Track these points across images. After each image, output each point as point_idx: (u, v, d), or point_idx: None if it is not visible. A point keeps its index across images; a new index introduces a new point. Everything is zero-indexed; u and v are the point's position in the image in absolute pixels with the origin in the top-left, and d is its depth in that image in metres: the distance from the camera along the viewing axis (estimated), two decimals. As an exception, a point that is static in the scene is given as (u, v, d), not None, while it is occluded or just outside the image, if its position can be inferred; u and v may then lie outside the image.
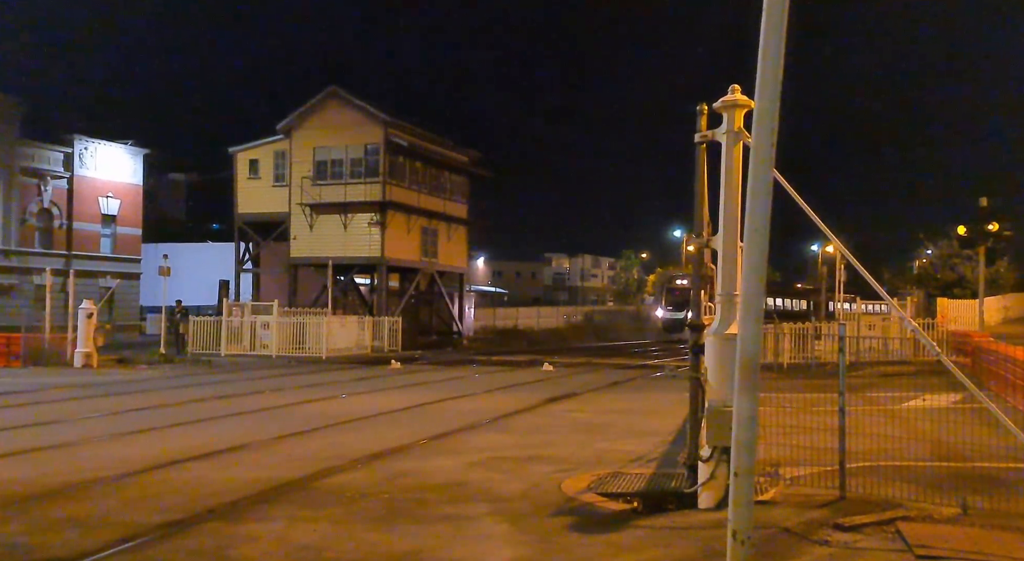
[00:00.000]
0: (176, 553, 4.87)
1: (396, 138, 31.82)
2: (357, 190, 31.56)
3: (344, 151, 32.07)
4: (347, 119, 32.21)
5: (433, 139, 35.44)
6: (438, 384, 17.15)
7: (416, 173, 33.80)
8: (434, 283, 36.18)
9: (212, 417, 11.38)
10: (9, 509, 5.96)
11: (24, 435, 9.59)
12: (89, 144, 40.65)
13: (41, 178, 38.71)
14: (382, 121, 31.75)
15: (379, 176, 31.44)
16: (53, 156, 39.36)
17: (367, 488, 6.78)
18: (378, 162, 31.57)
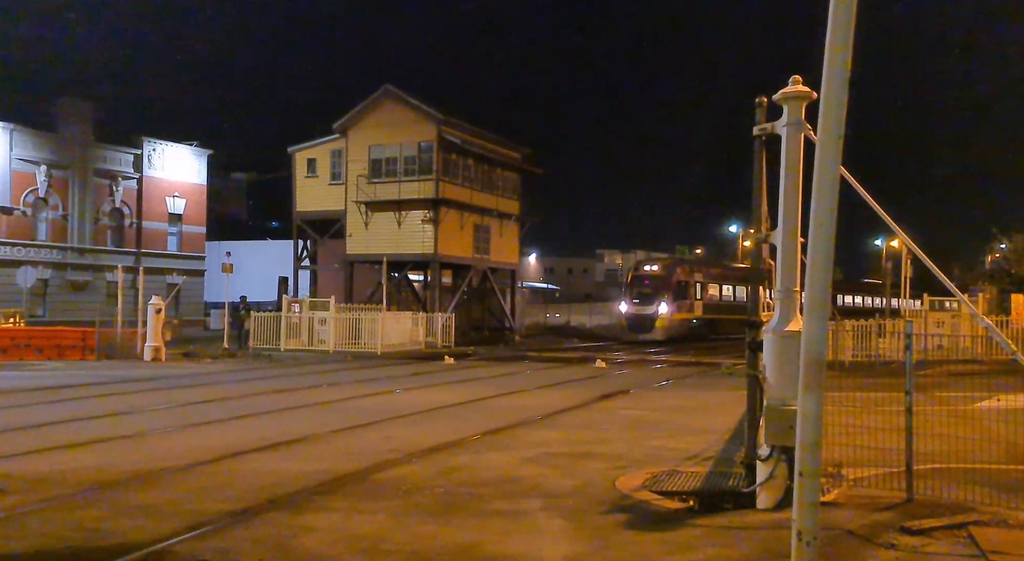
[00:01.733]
0: (241, 542, 5.02)
1: (449, 136, 32.05)
2: (411, 188, 31.93)
3: (398, 149, 32.47)
4: (401, 117, 32.60)
5: (485, 136, 35.57)
6: (490, 380, 17.24)
7: (468, 170, 33.99)
8: (486, 279, 36.36)
9: (272, 410, 11.69)
10: (89, 495, 6.24)
11: (99, 425, 10.03)
12: (157, 146, 42.21)
13: (113, 179, 40.40)
14: (435, 119, 32.01)
15: (432, 173, 31.74)
16: (124, 158, 41.02)
17: (422, 481, 6.86)
18: (431, 159, 31.86)
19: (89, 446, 8.41)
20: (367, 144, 33.05)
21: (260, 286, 42.65)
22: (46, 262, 37.12)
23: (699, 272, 41.10)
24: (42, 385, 15.05)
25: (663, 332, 37.16)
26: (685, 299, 39.10)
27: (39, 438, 8.89)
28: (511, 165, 37.14)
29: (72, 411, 11.30)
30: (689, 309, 38.97)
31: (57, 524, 5.41)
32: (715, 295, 42.10)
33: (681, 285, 38.97)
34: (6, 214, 35.93)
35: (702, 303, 40.27)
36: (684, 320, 38.44)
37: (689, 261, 42.42)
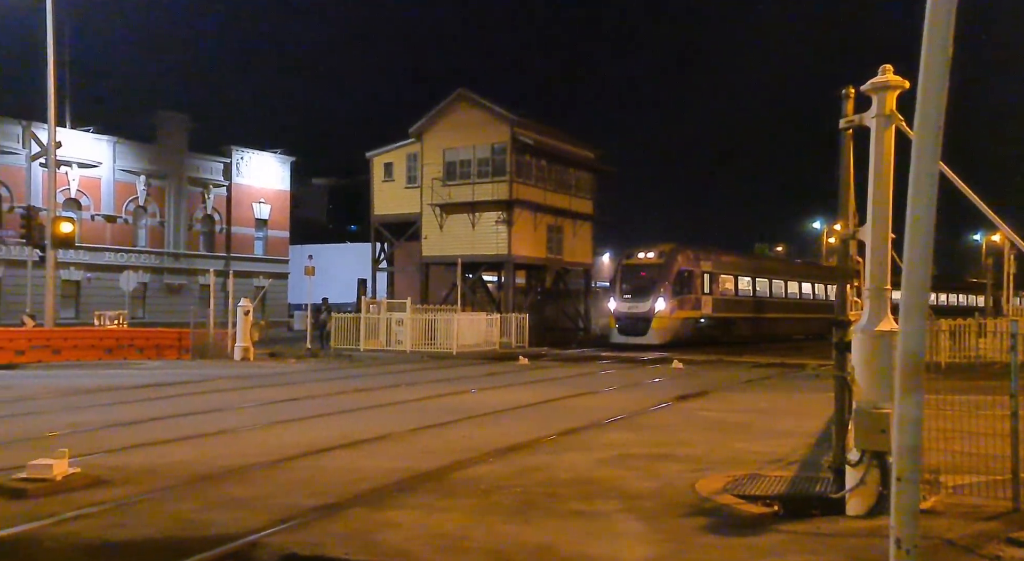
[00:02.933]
0: (327, 536, 5.18)
1: (522, 137, 32.18)
2: (485, 189, 32.22)
3: (472, 151, 32.83)
4: (475, 120, 32.94)
5: (558, 136, 35.54)
6: (565, 380, 17.20)
7: (542, 171, 34.03)
8: (560, 279, 36.29)
9: (354, 409, 12.02)
10: (186, 488, 6.57)
11: (195, 421, 10.55)
12: (244, 154, 44.18)
13: (205, 187, 42.53)
14: (508, 120, 32.21)
15: (506, 175, 31.94)
16: (215, 166, 43.12)
17: (500, 481, 6.91)
18: (505, 161, 32.07)
19: (186, 441, 8.86)
20: (441, 147, 33.56)
21: (340, 288, 43.94)
22: (145, 267, 39.37)
23: (709, 260, 32.94)
24: (143, 383, 15.96)
25: (660, 334, 29.84)
26: (689, 293, 31.04)
27: (141, 433, 9.42)
28: (584, 164, 36.97)
29: (170, 408, 11.93)
30: (695, 306, 31.16)
31: (159, 515, 5.72)
32: (730, 289, 34.24)
33: (684, 276, 30.97)
34: (110, 222, 38.30)
35: (712, 299, 32.42)
36: (688, 320, 30.85)
37: (697, 248, 33.26)
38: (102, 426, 10.01)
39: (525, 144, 32.27)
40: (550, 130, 35.24)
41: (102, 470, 6.90)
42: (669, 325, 30.02)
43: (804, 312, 39.51)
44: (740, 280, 35.17)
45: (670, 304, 30.13)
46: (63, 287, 33.50)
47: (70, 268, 35.39)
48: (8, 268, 31.82)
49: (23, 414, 11.28)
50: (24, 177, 35.10)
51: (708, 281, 32.29)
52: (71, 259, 34.59)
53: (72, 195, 36.65)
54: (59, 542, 5.05)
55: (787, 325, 37.90)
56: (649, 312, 29.94)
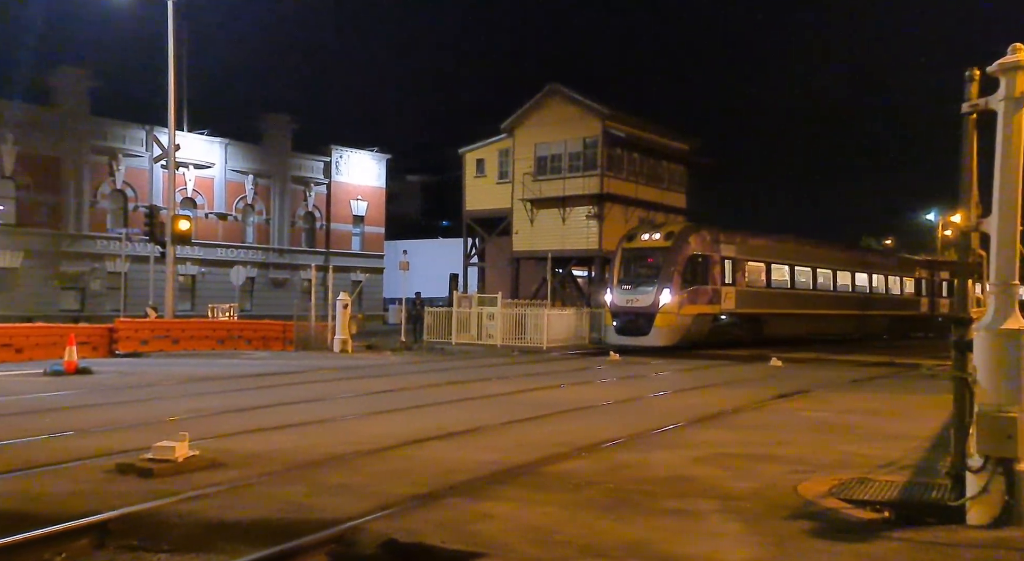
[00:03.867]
0: (425, 524, 5.32)
1: (614, 130, 31.85)
2: (575, 184, 32.11)
3: (563, 146, 32.78)
4: (566, 114, 32.87)
5: (651, 128, 34.96)
6: (657, 377, 16.94)
7: (634, 164, 33.59)
8: (652, 275, 35.62)
9: (447, 401, 12.27)
10: (291, 473, 6.90)
11: (299, 410, 11.06)
12: (343, 153, 45.88)
13: (306, 185, 44.45)
14: (600, 114, 31.95)
15: (597, 169, 31.71)
16: (315, 165, 44.99)
17: (591, 476, 6.88)
18: (596, 155, 31.85)
19: (291, 429, 9.30)
20: (533, 142, 33.67)
21: (432, 282, 44.93)
22: (253, 262, 41.55)
23: (732, 244, 26.60)
24: (252, 372, 16.86)
25: (665, 334, 24.23)
26: (705, 283, 25.08)
27: (251, 420, 9.96)
28: (677, 157, 36.21)
29: (277, 396, 12.56)
30: (712, 299, 25.41)
31: (269, 497, 6.03)
32: (760, 279, 28.18)
33: (698, 263, 25.00)
34: (222, 220, 40.66)
35: (736, 291, 26.37)
36: (702, 317, 25.14)
37: (717, 228, 27.36)
38: (217, 412, 10.65)
39: (617, 137, 31.92)
40: (643, 122, 34.70)
41: (217, 453, 7.34)
42: (677, 322, 24.35)
43: (865, 308, 33.64)
44: (774, 268, 28.96)
45: (678, 297, 24.28)
46: (181, 281, 35.78)
47: (186, 263, 37.78)
48: (133, 264, 34.31)
49: (148, 400, 12.16)
50: (147, 178, 37.74)
51: (731, 269, 26.13)
52: (187, 255, 36.93)
53: (188, 194, 39.10)
54: (183, 519, 5.42)
55: (841, 323, 32.28)
56: (652, 307, 24.18)
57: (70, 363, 15.79)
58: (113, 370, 16.89)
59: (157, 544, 5.05)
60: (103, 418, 10.03)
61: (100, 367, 17.04)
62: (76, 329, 20.63)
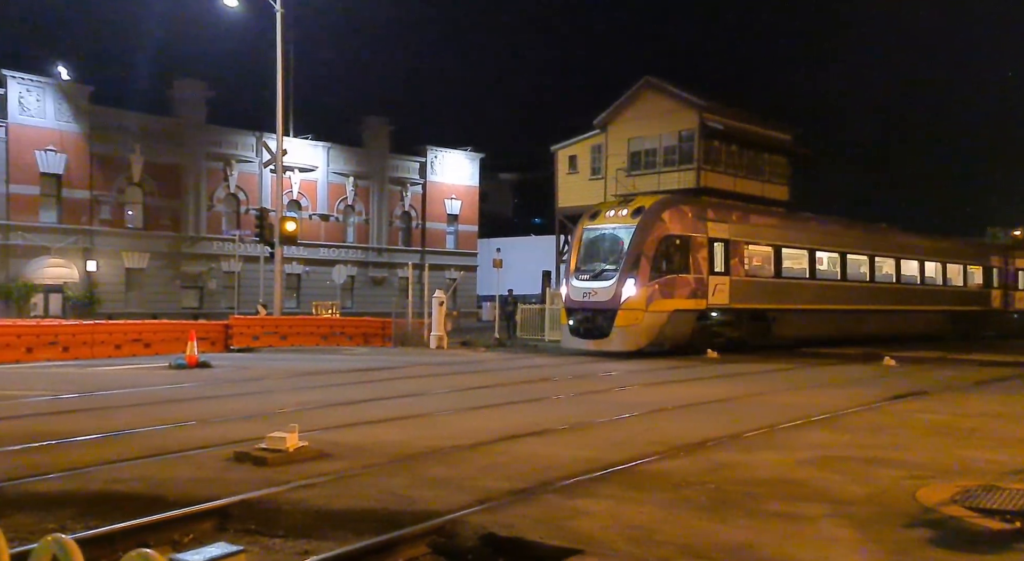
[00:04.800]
0: (522, 519, 5.36)
1: (711, 122, 31.03)
2: (671, 178, 31.49)
3: (658, 140, 32.23)
4: (661, 108, 32.29)
5: (750, 119, 33.85)
6: (759, 376, 16.37)
7: (732, 156, 32.61)
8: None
9: (541, 397, 12.32)
10: (393, 465, 7.12)
11: (399, 404, 11.40)
12: (438, 153, 46.92)
13: (403, 185, 45.74)
14: (696, 106, 31.21)
15: (693, 162, 31.00)
16: (411, 166, 46.22)
17: (690, 476, 6.74)
18: (692, 148, 31.13)
19: (392, 422, 9.60)
20: (626, 137, 33.28)
21: (525, 280, 45.20)
22: (353, 261, 43.16)
23: (725, 223, 21.33)
24: (354, 367, 17.51)
25: (629, 336, 19.41)
26: (684, 271, 20.03)
27: (354, 413, 10.35)
28: (778, 148, 34.88)
29: (378, 391, 12.99)
30: (695, 291, 20.21)
31: (372, 488, 6.25)
32: (766, 267, 22.89)
33: (675, 246, 19.91)
34: (324, 220, 42.43)
35: (732, 281, 21.09)
36: (680, 314, 20.02)
37: (703, 204, 22.98)
38: (322, 405, 11.13)
39: (714, 129, 31.08)
40: (741, 113, 33.64)
41: (324, 445, 7.66)
42: (645, 321, 19.25)
43: (915, 302, 28.52)
44: (787, 254, 23.34)
45: (646, 288, 19.23)
46: (287, 280, 37.61)
47: (292, 263, 39.67)
48: (246, 263, 36.39)
49: (261, 392, 12.85)
50: (257, 182, 39.88)
51: (723, 254, 21.00)
52: (293, 255, 38.77)
53: (294, 197, 41.04)
54: (294, 506, 5.70)
55: (882, 320, 26.94)
56: (612, 302, 19.20)
57: (191, 357, 16.90)
58: (229, 364, 17.96)
59: (272, 529, 5.33)
60: (221, 409, 10.67)
61: (217, 361, 18.14)
62: (196, 325, 22.09)
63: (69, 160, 34.19)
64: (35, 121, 33.07)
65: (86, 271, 34.86)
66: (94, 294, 34.47)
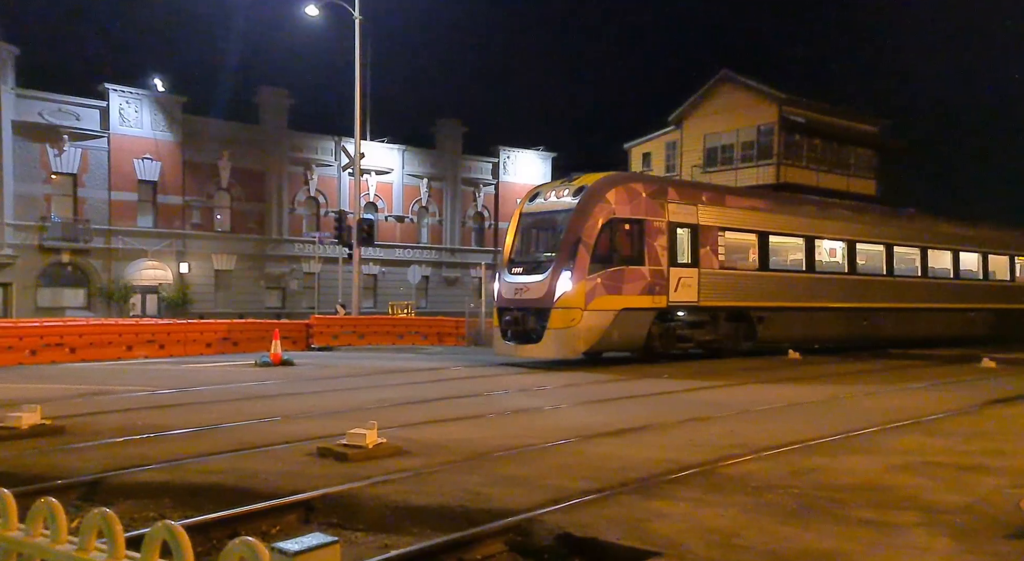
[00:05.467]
0: (599, 519, 5.33)
1: (791, 115, 30.05)
2: (748, 174, 30.66)
3: (735, 135, 31.44)
4: (739, 102, 31.50)
5: (834, 111, 32.58)
6: (843, 376, 15.73)
7: (814, 150, 31.47)
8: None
9: (615, 398, 12.21)
10: (468, 463, 7.20)
11: (473, 402, 11.53)
12: (510, 153, 47.18)
13: (475, 186, 46.22)
14: (776, 99, 30.29)
15: (772, 157, 30.08)
16: (484, 166, 46.65)
17: (772, 480, 6.54)
18: (771, 143, 30.22)
19: (467, 420, 9.71)
20: (702, 133, 32.62)
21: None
22: (427, 261, 43.92)
23: (690, 203, 17.87)
24: (430, 366, 17.80)
25: (565, 340, 15.98)
26: (638, 262, 16.59)
27: (431, 411, 10.52)
28: (865, 140, 33.44)
29: (453, 389, 13.16)
30: (652, 286, 16.75)
31: (449, 485, 6.34)
32: (748, 257, 19.51)
33: (622, 231, 16.58)
34: (400, 222, 43.32)
35: (701, 274, 17.72)
36: (634, 313, 16.55)
37: (662, 181, 21.11)
38: (400, 402, 11.37)
39: (794, 123, 30.07)
40: (824, 105, 32.44)
41: (401, 442, 7.82)
42: (585, 322, 15.77)
43: (947, 299, 24.42)
44: (775, 242, 19.81)
45: (586, 283, 15.75)
46: (364, 280, 38.62)
47: (369, 264, 40.70)
48: (324, 264, 37.58)
49: (341, 390, 13.24)
50: (335, 185, 41.14)
51: (689, 242, 17.54)
52: (370, 256, 39.77)
53: (371, 199, 42.10)
54: (374, 501, 5.85)
55: (900, 320, 22.94)
56: (544, 298, 15.83)
57: (275, 355, 17.57)
58: (310, 362, 18.58)
59: (354, 523, 5.48)
60: (303, 405, 11.05)
61: (300, 359, 18.80)
62: (279, 325, 22.96)
63: (164, 168, 36.15)
64: (133, 131, 35.11)
65: (179, 273, 36.78)
66: (186, 294, 36.34)
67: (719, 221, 18.34)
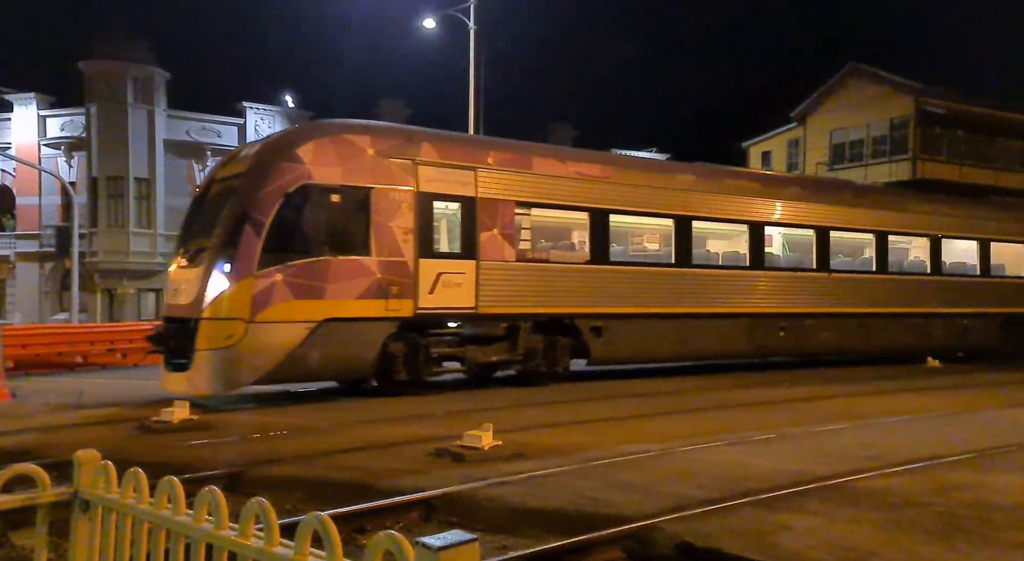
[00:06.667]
0: (719, 530, 5.17)
1: (929, 107, 27.96)
2: (880, 171, 28.79)
3: (864, 130, 29.64)
4: (868, 95, 29.69)
5: (978, 100, 30.01)
6: (984, 388, 14.40)
7: (956, 144, 29.12)
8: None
9: (731, 405, 11.76)
10: (585, 468, 7.16)
11: (586, 408, 11.45)
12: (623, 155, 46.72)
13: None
14: (911, 90, 28.30)
15: (907, 152, 28.08)
16: (595, 171, 46.39)
17: (912, 496, 6.10)
18: (906, 136, 28.23)
19: (581, 425, 9.68)
20: (827, 129, 30.98)
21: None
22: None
23: (459, 167, 12.49)
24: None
25: (220, 368, 10.66)
26: (354, 249, 11.46)
27: (544, 415, 10.56)
28: (1016, 130, 30.58)
29: (566, 394, 13.09)
30: (384, 287, 11.66)
31: (564, 489, 6.35)
32: (568, 244, 14.93)
33: (319, 205, 11.30)
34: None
35: (481, 269, 12.61)
36: (341, 329, 11.31)
37: (405, 130, 13.10)
38: (512, 405, 11.46)
39: (933, 115, 27.96)
40: (966, 94, 29.95)
41: (516, 445, 7.91)
42: (252, 342, 10.78)
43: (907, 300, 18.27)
44: (618, 224, 14.65)
45: (252, 282, 10.80)
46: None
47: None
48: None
49: (453, 390, 13.51)
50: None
51: (456, 222, 12.65)
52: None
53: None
54: (490, 502, 5.95)
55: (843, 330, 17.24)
56: (193, 305, 10.89)
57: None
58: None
59: (472, 523, 5.60)
60: (420, 407, 11.34)
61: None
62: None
63: (295, 181, 38.36)
64: (267, 148, 37.53)
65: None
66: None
67: (519, 193, 13.05)
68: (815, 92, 31.57)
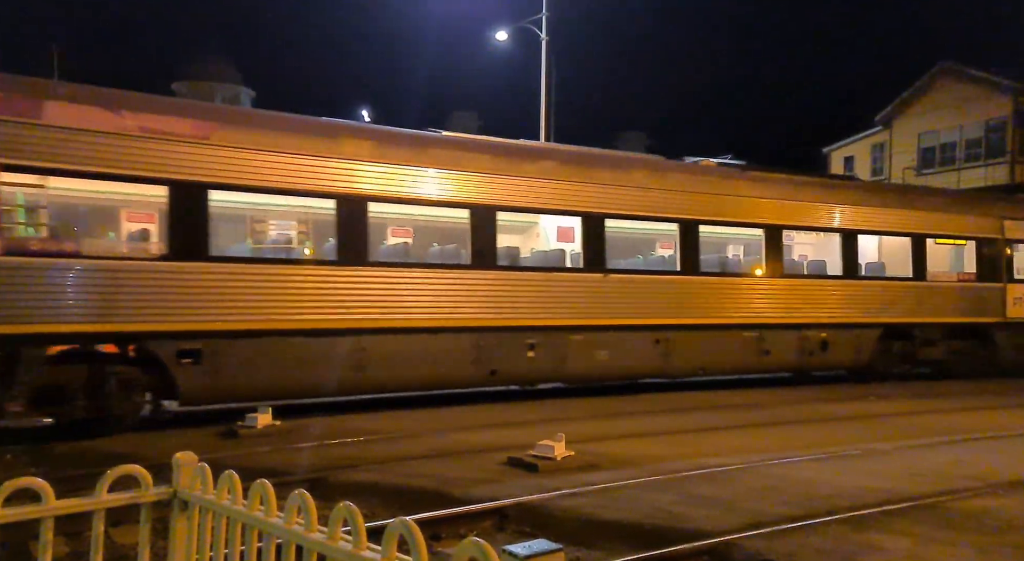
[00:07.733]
0: (803, 548, 4.98)
1: (1027, 105, 26.39)
2: (974, 175, 27.31)
3: (957, 132, 28.18)
4: (961, 96, 28.24)
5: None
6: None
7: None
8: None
9: (815, 420, 11.32)
10: (660, 481, 7.03)
11: (660, 420, 11.24)
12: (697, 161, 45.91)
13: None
14: (1010, 89, 26.77)
15: (1005, 155, 26.53)
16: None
17: (1016, 519, 5.72)
18: (1003, 139, 26.69)
19: (656, 436, 9.50)
20: (915, 132, 29.63)
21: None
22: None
23: None
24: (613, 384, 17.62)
25: None
26: None
27: (618, 426, 10.42)
28: None
29: (639, 405, 12.92)
30: None
31: (639, 502, 6.24)
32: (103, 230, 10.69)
33: None
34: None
35: None
36: None
37: None
38: (586, 417, 11.37)
39: (1032, 114, 26.35)
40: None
41: (591, 456, 7.83)
42: None
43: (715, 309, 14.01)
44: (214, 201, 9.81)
45: None
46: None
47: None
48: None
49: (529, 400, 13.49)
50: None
51: None
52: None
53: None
54: (564, 513, 5.91)
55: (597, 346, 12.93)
56: None
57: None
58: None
59: (545, 533, 5.56)
60: (493, 415, 11.38)
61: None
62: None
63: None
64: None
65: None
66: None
67: None
68: (902, 94, 30.26)
